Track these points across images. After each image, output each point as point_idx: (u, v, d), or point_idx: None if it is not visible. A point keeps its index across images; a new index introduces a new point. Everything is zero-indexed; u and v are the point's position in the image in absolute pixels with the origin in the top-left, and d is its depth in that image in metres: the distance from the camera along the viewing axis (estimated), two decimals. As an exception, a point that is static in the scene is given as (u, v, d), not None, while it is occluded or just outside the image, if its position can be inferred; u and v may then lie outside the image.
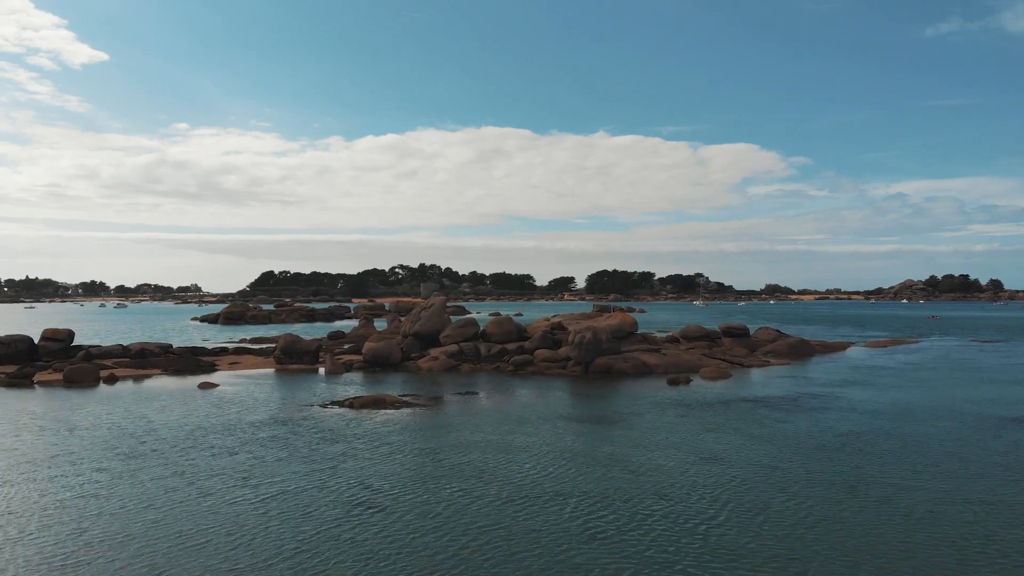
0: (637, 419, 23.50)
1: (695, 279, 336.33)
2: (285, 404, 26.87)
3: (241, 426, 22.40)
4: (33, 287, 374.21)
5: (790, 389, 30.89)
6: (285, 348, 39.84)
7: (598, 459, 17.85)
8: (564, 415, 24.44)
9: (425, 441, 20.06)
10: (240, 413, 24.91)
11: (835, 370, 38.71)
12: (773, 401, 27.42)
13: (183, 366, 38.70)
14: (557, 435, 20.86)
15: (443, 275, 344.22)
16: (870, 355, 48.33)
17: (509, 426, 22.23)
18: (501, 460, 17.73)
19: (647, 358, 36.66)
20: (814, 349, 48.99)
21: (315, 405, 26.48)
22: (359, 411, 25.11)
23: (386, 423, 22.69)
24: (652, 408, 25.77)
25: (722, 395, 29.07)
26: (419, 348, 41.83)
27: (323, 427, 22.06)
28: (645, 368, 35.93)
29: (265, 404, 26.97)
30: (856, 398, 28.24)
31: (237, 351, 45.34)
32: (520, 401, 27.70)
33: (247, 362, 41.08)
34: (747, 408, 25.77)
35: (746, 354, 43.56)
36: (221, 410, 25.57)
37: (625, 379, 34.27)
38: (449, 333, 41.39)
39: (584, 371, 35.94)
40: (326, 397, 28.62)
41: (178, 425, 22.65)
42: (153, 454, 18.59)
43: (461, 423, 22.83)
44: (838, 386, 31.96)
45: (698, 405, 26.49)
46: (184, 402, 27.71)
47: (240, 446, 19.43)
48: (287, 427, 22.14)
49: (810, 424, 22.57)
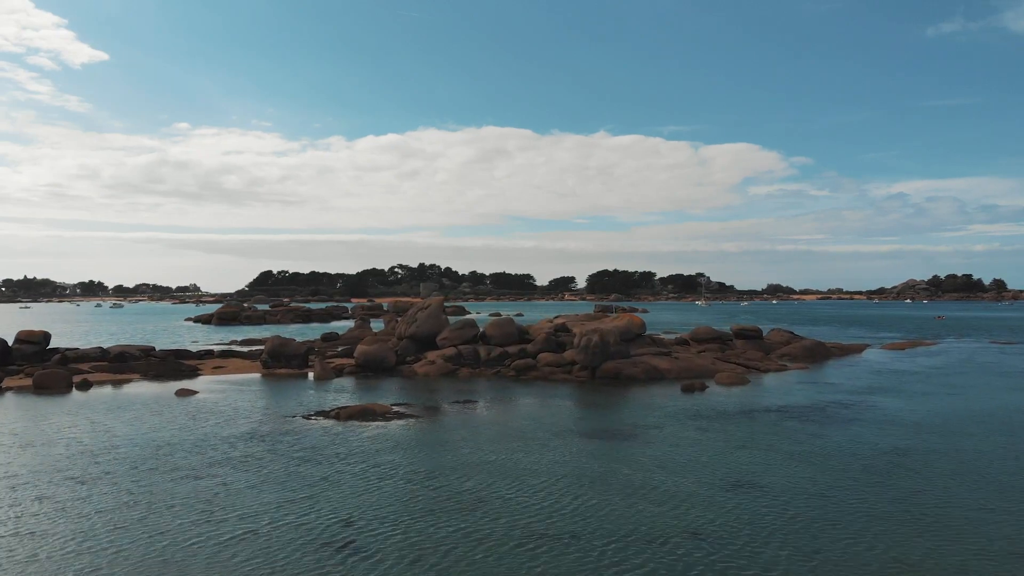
0: (655, 433, 21.16)
1: (696, 279, 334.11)
2: (266, 415, 24.52)
3: (213, 442, 20.04)
4: (31, 287, 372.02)
5: (815, 397, 28.55)
6: (272, 351, 37.48)
7: (618, 485, 15.49)
8: (574, 429, 22.09)
9: (418, 462, 17.70)
10: (215, 426, 22.56)
11: (857, 375, 36.38)
12: (800, 411, 25.08)
13: (163, 371, 36.36)
14: (568, 454, 18.51)
15: (443, 275, 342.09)
16: (889, 358, 46.01)
17: (513, 443, 19.87)
18: (506, 488, 15.36)
19: (658, 362, 34.32)
20: (830, 351, 46.67)
21: (298, 416, 24.12)
22: (346, 423, 22.75)
23: (375, 439, 20.33)
24: (669, 420, 23.42)
25: (743, 404, 26.73)
26: (415, 351, 39.49)
27: (304, 444, 19.70)
28: (656, 373, 33.58)
29: (244, 414, 24.62)
30: (890, 408, 25.91)
31: (223, 354, 42.99)
32: (524, 411, 25.35)
33: (232, 366, 38.72)
34: (774, 420, 23.42)
35: (761, 357, 41.23)
36: (195, 422, 23.22)
37: (635, 385, 31.94)
38: (447, 335, 39.03)
39: (591, 376, 33.60)
40: (312, 406, 26.27)
41: (144, 440, 20.31)
42: (107, 478, 16.24)
43: (459, 439, 20.47)
44: (866, 393, 29.63)
45: (719, 416, 24.15)
46: (157, 412, 25.36)
47: (208, 468, 17.08)
48: (264, 444, 19.78)
49: (849, 440, 20.23)
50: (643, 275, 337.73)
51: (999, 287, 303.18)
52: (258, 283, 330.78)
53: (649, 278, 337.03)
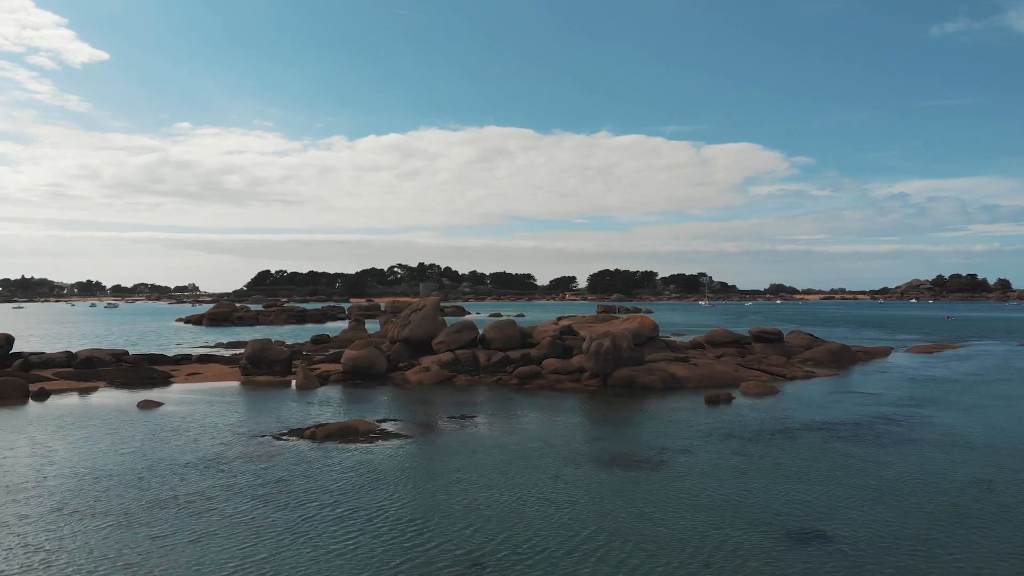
0: (685, 461, 17.97)
1: (698, 279, 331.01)
2: (233, 434, 21.31)
3: (163, 472, 16.86)
4: (29, 287, 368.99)
5: (856, 410, 25.37)
6: (252, 357, 34.29)
7: (651, 538, 12.30)
8: (589, 454, 18.89)
9: (402, 504, 14.52)
10: (172, 448, 19.38)
11: (892, 383, 33.19)
12: (846, 429, 21.90)
13: (132, 378, 33.17)
14: (586, 491, 15.31)
15: (442, 275, 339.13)
16: (919, 363, 42.83)
17: (519, 475, 16.68)
18: (511, 544, 12.17)
19: (676, 369, 31.13)
20: (856, 356, 43.48)
21: (269, 436, 20.92)
22: (322, 445, 19.57)
23: (354, 469, 17.13)
24: (698, 441, 20.24)
25: (778, 420, 23.55)
26: (409, 356, 36.31)
27: (269, 476, 16.51)
28: (674, 382, 30.38)
29: (209, 433, 21.44)
30: (946, 424, 22.73)
31: (202, 359, 39.80)
32: (530, 430, 22.15)
33: (209, 372, 35.52)
34: (819, 441, 20.23)
35: (783, 363, 38.05)
36: (150, 443, 20.04)
37: (651, 395, 28.76)
38: (443, 339, 35.83)
39: (602, 385, 30.41)
40: (288, 422, 23.08)
41: (83, 468, 17.13)
42: (17, 523, 13.06)
43: (454, 470, 17.28)
44: (911, 405, 26.45)
45: (754, 435, 20.96)
46: (112, 429, 22.19)
47: (146, 511, 13.89)
48: (222, 475, 16.60)
49: (918, 468, 17.04)
50: (644, 275, 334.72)
51: (1003, 287, 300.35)
52: (256, 283, 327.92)
53: (650, 278, 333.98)
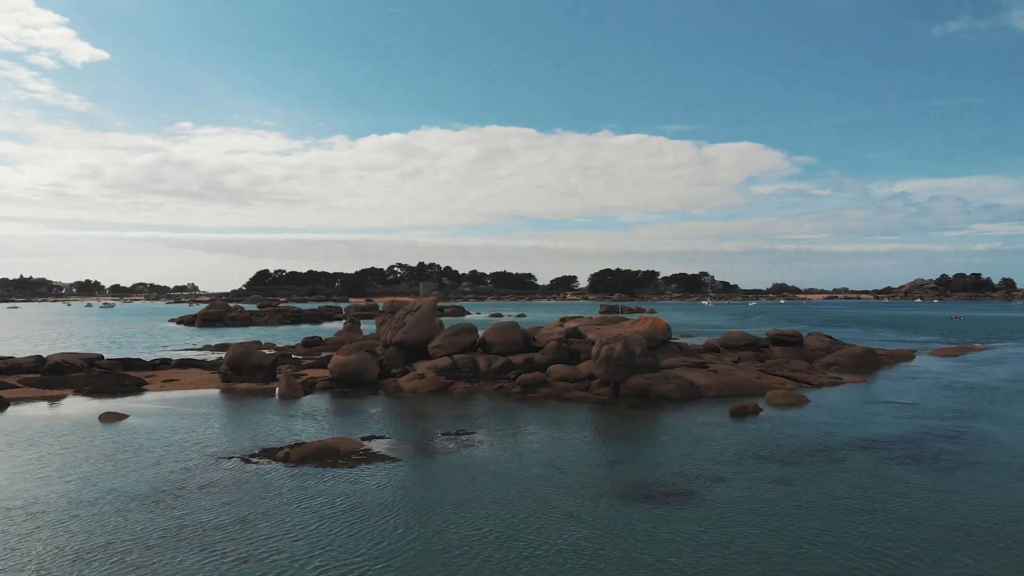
0: (720, 491, 15.26)
1: (701, 278, 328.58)
2: (199, 454, 18.62)
3: (105, 505, 14.18)
4: (27, 286, 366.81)
5: (900, 424, 22.65)
6: (233, 362, 31.60)
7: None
8: (607, 483, 16.17)
9: (385, 556, 11.83)
10: (125, 474, 16.69)
11: (927, 390, 30.48)
12: (895, 447, 19.19)
13: (101, 385, 30.50)
14: (610, 538, 12.57)
15: (443, 274, 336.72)
16: (948, 367, 40.10)
17: (527, 512, 13.97)
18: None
19: (694, 376, 28.41)
20: (881, 360, 40.77)
21: (237, 457, 18.21)
22: (297, 469, 16.88)
23: (329, 504, 14.40)
24: (730, 463, 17.52)
25: (815, 435, 20.84)
26: (403, 361, 33.62)
27: (229, 513, 13.80)
28: (692, 390, 27.67)
29: (172, 453, 18.76)
30: (1007, 441, 19.99)
31: (181, 363, 37.09)
32: (537, 451, 19.43)
33: (188, 379, 32.84)
34: (870, 463, 17.51)
35: (807, 368, 35.34)
36: (103, 466, 17.36)
37: (669, 406, 26.05)
38: (440, 343, 33.12)
39: (613, 394, 27.71)
40: (262, 439, 20.39)
41: (16, 500, 14.44)
42: None
43: (449, 504, 14.57)
44: (959, 418, 23.74)
45: (792, 456, 18.26)
46: (65, 448, 19.52)
47: (66, 567, 11.22)
48: (174, 512, 13.89)
49: (999, 498, 14.29)
50: (646, 274, 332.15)
51: (1008, 287, 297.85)
52: (255, 282, 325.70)
53: (652, 277, 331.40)
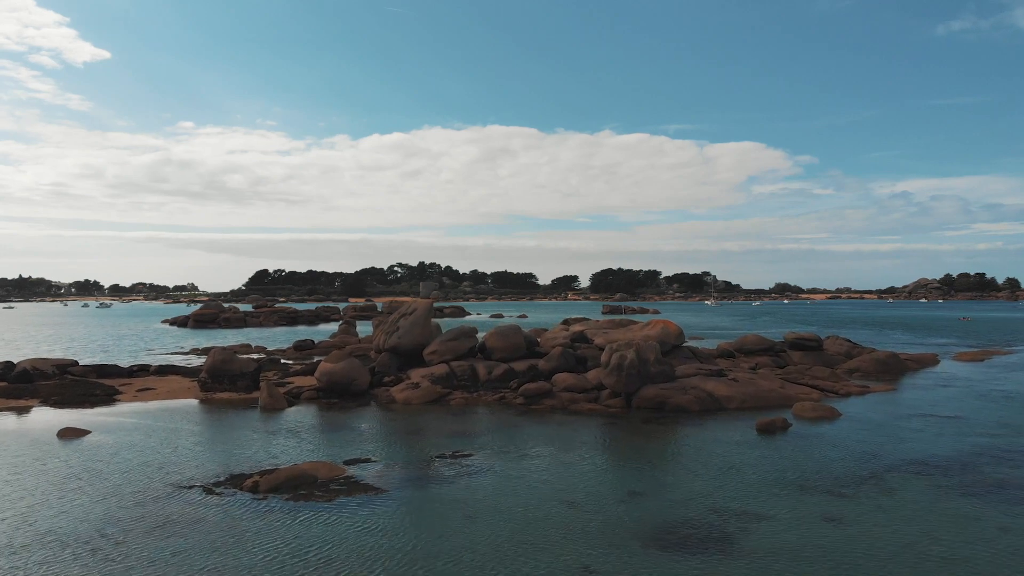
0: (762, 531, 12.89)
1: (703, 278, 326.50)
2: (151, 484, 16.22)
3: (33, 554, 11.84)
4: (26, 286, 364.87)
5: (947, 442, 20.25)
6: (213, 370, 29.24)
7: None
8: (628, 521, 13.78)
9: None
10: (65, 508, 14.35)
11: (964, 400, 28.10)
12: (950, 471, 16.81)
13: (72, 395, 28.19)
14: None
15: (443, 274, 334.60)
16: (977, 373, 37.69)
17: (537, 562, 11.61)
18: None
19: (713, 387, 26.03)
20: (905, 365, 38.38)
21: (200, 485, 15.85)
22: (265, 502, 14.53)
23: (296, 554, 12.04)
24: (767, 493, 15.14)
25: (854, 456, 18.46)
26: (397, 368, 31.26)
27: (169, 570, 11.46)
28: (712, 402, 25.29)
29: (128, 479, 16.41)
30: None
31: (160, 370, 34.72)
32: (543, 479, 17.04)
33: (165, 387, 30.49)
34: (928, 493, 15.12)
35: (829, 375, 32.99)
36: (45, 496, 15.02)
37: (686, 419, 23.67)
38: (436, 348, 30.73)
39: (625, 406, 25.33)
40: (232, 462, 18.02)
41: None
42: None
43: (440, 553, 12.18)
44: (1010, 434, 21.33)
45: (836, 483, 15.89)
46: (11, 471, 17.27)
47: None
48: (109, 563, 11.54)
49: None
50: (648, 274, 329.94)
51: (1012, 287, 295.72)
52: (254, 282, 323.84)
53: (654, 277, 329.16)
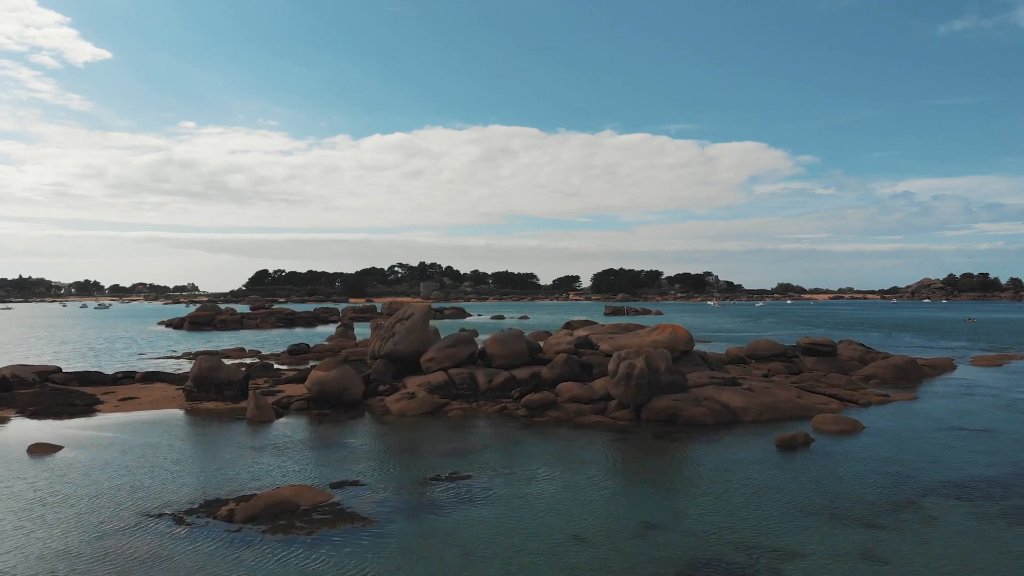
0: (796, 573, 11.41)
1: (705, 278, 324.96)
2: (128, 508, 14.74)
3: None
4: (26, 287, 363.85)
5: (983, 459, 18.73)
6: (199, 378, 27.77)
7: None
8: (647, 562, 12.24)
9: None
10: (24, 540, 12.85)
11: (991, 410, 26.58)
12: (995, 496, 15.29)
13: (50, 404, 26.73)
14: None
15: (444, 274, 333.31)
16: (997, 379, 36.16)
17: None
18: None
19: (727, 397, 24.51)
20: (923, 371, 36.85)
21: (170, 513, 14.35)
22: (239, 533, 13.05)
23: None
24: (800, 528, 13.62)
25: (887, 477, 16.96)
26: (393, 375, 29.78)
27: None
28: (727, 414, 23.77)
29: (95, 505, 14.93)
30: None
31: (146, 377, 33.22)
32: (550, 507, 15.54)
33: (149, 396, 29.02)
34: (973, 523, 13.61)
35: (846, 382, 31.50)
36: (4, 523, 13.58)
37: (700, 433, 22.16)
38: (434, 356, 29.23)
39: (634, 418, 23.82)
40: (210, 484, 16.52)
41: None
42: None
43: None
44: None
45: (870, 511, 14.39)
46: (-38, 494, 15.76)
47: None
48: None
49: None
50: (649, 274, 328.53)
51: (1016, 286, 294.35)
52: (254, 282, 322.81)
53: (655, 277, 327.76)
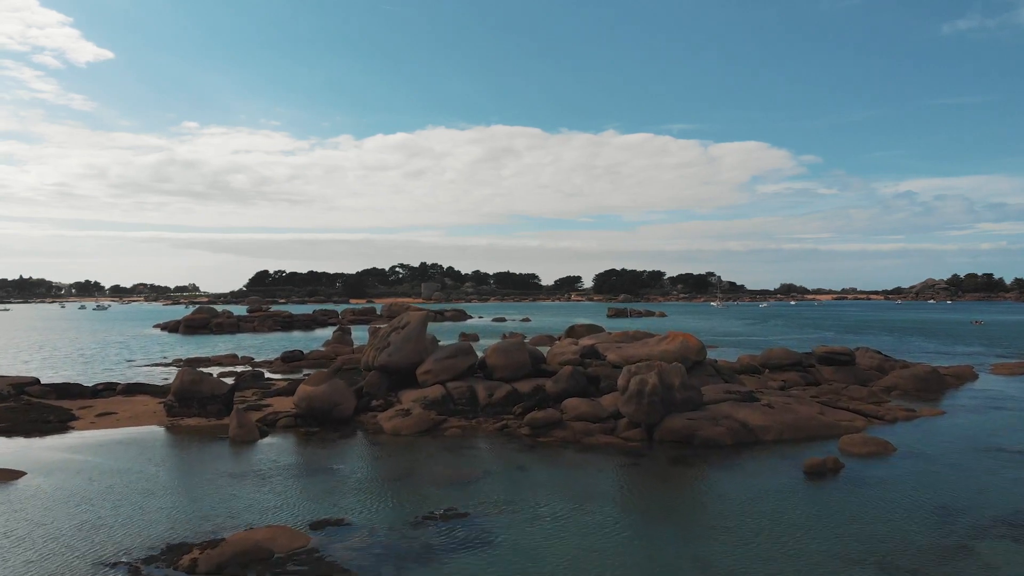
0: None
1: (707, 278, 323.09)
2: (81, 554, 12.99)
3: None
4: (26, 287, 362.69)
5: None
6: (180, 392, 26.06)
7: None
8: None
9: None
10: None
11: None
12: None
13: (23, 421, 25.04)
14: None
15: (445, 274, 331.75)
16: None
17: None
18: None
19: (746, 415, 22.73)
20: (945, 381, 35.07)
21: (124, 563, 12.60)
22: (201, 593, 11.36)
23: None
24: (841, 574, 11.90)
25: (932, 512, 15.19)
26: (388, 388, 28.06)
27: None
28: (746, 434, 21.99)
29: (49, 548, 13.20)
30: None
31: (129, 389, 31.46)
32: (559, 552, 13.80)
33: (129, 411, 27.27)
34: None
35: (868, 394, 29.74)
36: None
37: (719, 456, 20.40)
38: (431, 368, 27.48)
39: (646, 439, 22.05)
40: (178, 523, 14.78)
41: None
42: None
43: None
44: (1103, 477, 18.10)
45: (922, 557, 12.63)
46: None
47: None
48: None
49: None
50: (651, 274, 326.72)
51: (1021, 287, 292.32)
52: (255, 283, 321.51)
53: (658, 277, 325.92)
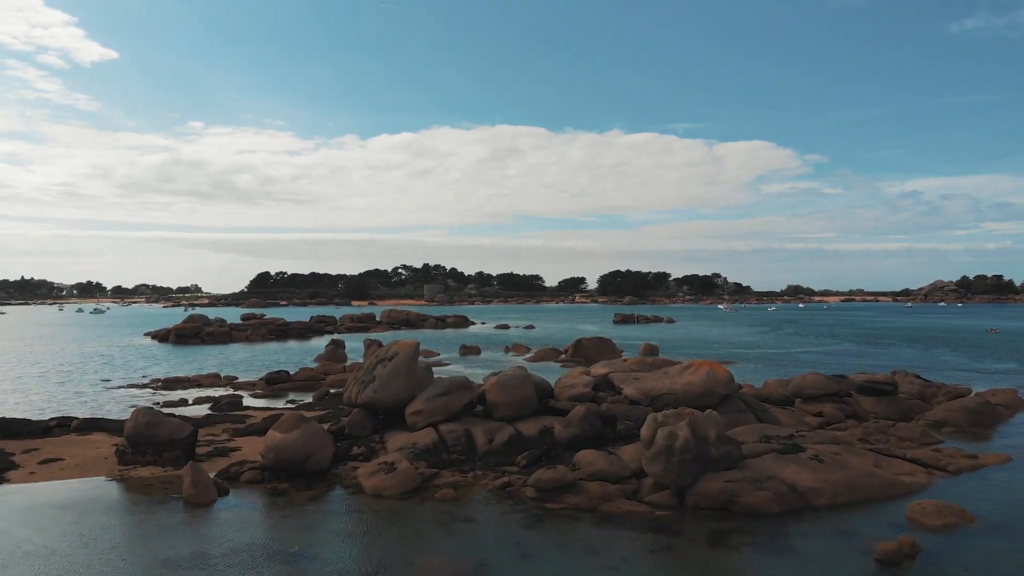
0: None
1: (713, 279, 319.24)
2: None
3: None
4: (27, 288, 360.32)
5: None
6: (134, 437, 22.54)
7: None
8: None
9: None
10: None
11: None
12: None
13: (-54, 473, 21.57)
14: None
15: (448, 275, 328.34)
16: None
17: None
18: None
19: (793, 474, 19.09)
20: (998, 412, 31.44)
21: None
22: None
23: None
24: None
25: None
26: (372, 429, 24.52)
27: None
28: (795, 498, 18.39)
29: None
30: None
31: (83, 425, 27.87)
32: None
33: (77, 456, 23.72)
34: None
35: (919, 435, 26.14)
36: None
37: (766, 529, 16.82)
38: (421, 408, 23.90)
39: (677, 504, 18.43)
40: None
41: None
42: None
43: None
44: None
45: None
46: None
47: None
48: None
49: None
50: (656, 276, 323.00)
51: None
52: (256, 285, 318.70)
53: (663, 279, 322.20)
